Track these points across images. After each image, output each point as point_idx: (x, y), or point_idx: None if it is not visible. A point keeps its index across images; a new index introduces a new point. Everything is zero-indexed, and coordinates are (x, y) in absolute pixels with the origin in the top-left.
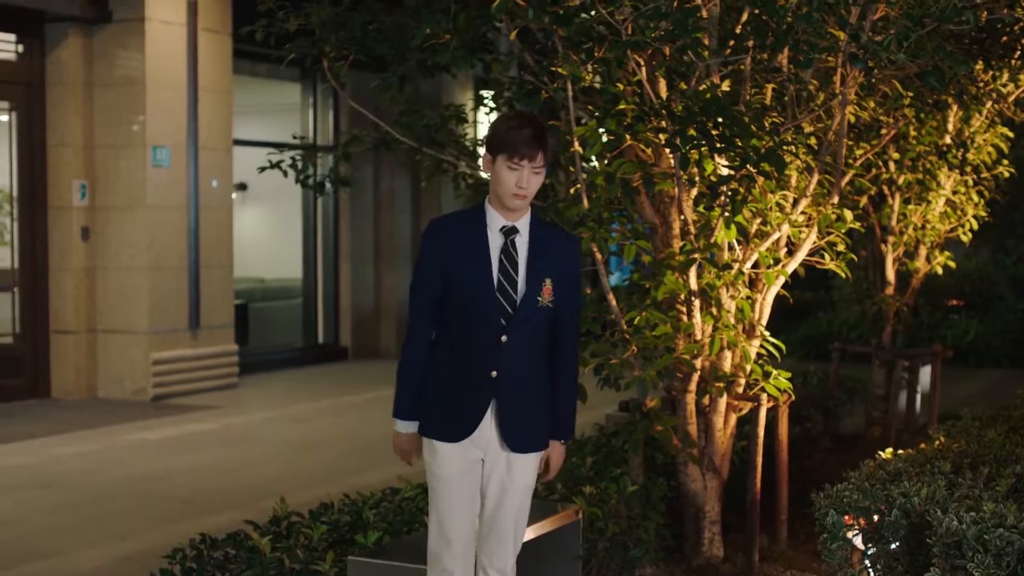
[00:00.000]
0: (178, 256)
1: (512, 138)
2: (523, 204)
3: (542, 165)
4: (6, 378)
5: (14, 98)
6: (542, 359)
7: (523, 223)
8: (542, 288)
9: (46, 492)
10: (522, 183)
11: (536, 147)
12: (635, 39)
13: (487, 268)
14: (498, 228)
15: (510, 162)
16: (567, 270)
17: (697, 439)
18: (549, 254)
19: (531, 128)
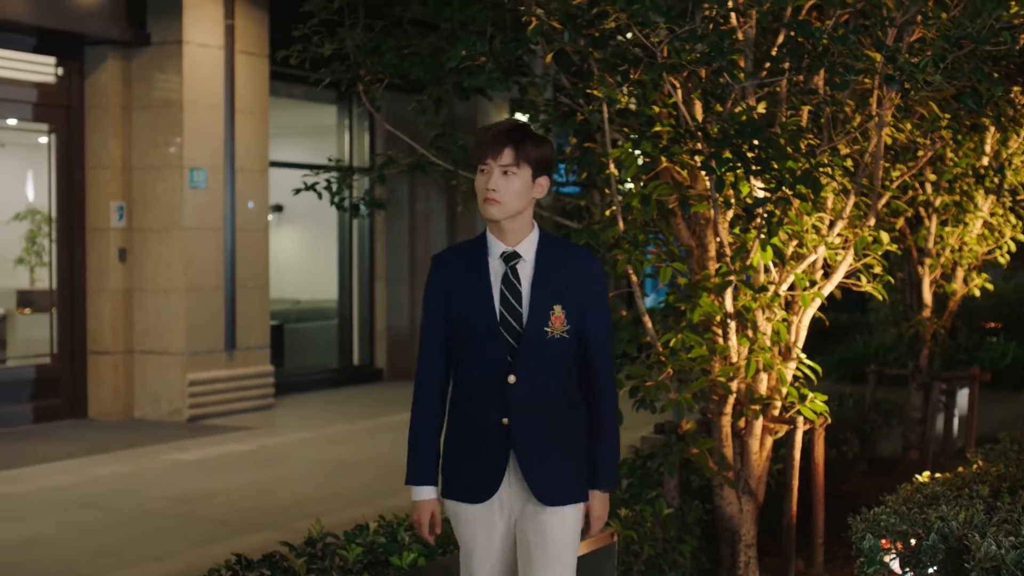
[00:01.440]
0: (214, 277)
1: (480, 138)
2: (499, 211)
3: (513, 163)
4: (44, 398)
5: (54, 121)
6: (568, 398)
7: (527, 246)
8: (550, 317)
9: (84, 512)
10: (490, 183)
11: (501, 143)
12: (671, 61)
13: (488, 300)
14: (498, 255)
15: (480, 165)
16: (588, 292)
17: (733, 462)
18: (560, 277)
19: (499, 127)
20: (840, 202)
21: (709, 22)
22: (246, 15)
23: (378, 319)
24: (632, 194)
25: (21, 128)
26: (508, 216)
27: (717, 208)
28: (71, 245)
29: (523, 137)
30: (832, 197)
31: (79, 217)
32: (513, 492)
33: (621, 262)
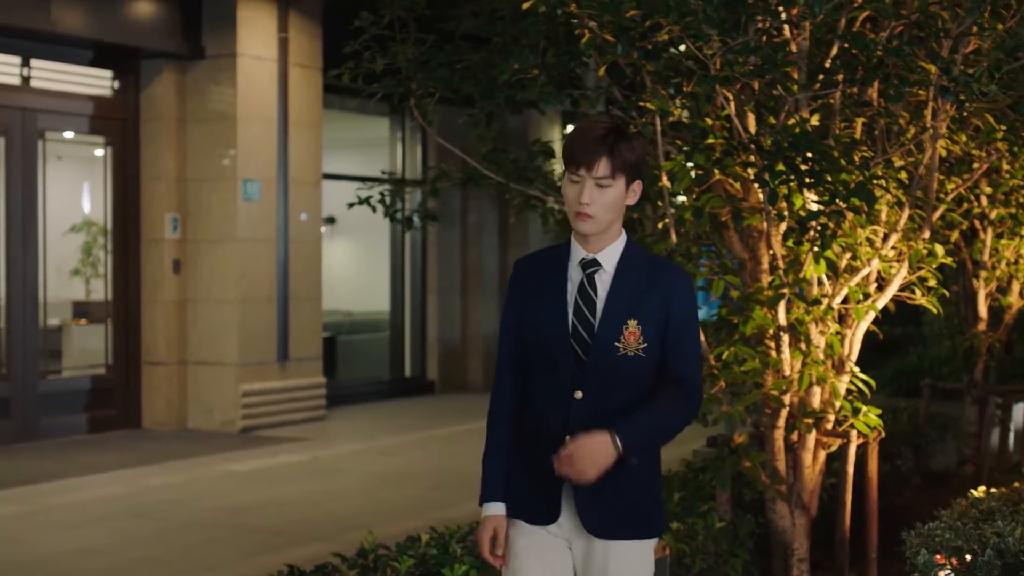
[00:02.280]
0: (267, 289)
1: (569, 144)
2: (591, 226)
3: (608, 175)
4: (99, 409)
5: (110, 134)
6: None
7: (609, 254)
8: (623, 332)
9: (137, 522)
10: (583, 197)
11: (596, 152)
12: (724, 74)
13: (561, 309)
14: (577, 262)
15: (570, 174)
16: (674, 310)
17: (785, 476)
18: (641, 291)
19: (592, 132)
20: (894, 215)
21: (762, 34)
22: (300, 28)
23: (430, 331)
24: (685, 207)
25: (78, 141)
26: (601, 230)
27: (770, 221)
28: (126, 256)
29: (619, 142)
30: (886, 210)
31: (134, 229)
32: (575, 521)
33: None
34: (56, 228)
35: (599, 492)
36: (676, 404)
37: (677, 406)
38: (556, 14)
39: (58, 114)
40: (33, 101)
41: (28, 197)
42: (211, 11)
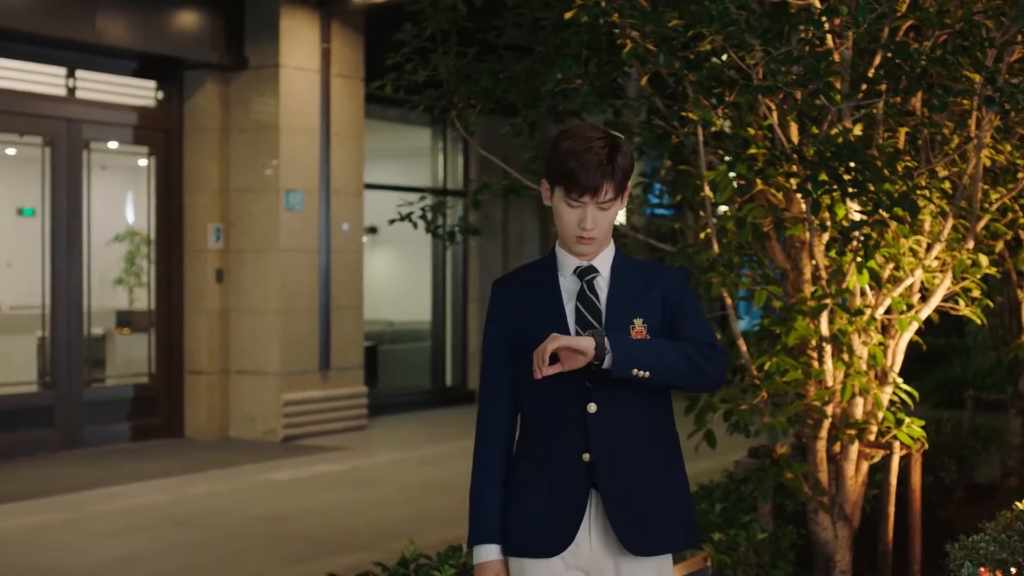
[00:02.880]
0: (309, 299)
1: (568, 166)
2: (592, 249)
3: (613, 198)
4: (142, 417)
5: (154, 144)
6: (658, 428)
7: (602, 260)
8: (630, 333)
9: (179, 530)
10: (586, 223)
11: (600, 178)
12: (766, 83)
13: (561, 320)
14: (571, 271)
15: (568, 199)
16: (676, 303)
17: (828, 487)
18: (640, 291)
19: (593, 153)
20: (938, 225)
21: (805, 44)
22: (342, 39)
23: (471, 340)
24: (727, 217)
25: (122, 151)
26: (601, 249)
27: (813, 231)
28: (169, 266)
29: (617, 158)
30: (930, 220)
31: (177, 238)
32: (596, 545)
33: (715, 285)
34: (100, 237)
35: (636, 508)
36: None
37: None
38: (598, 24)
39: (103, 124)
40: (78, 111)
41: (73, 206)
42: (254, 22)
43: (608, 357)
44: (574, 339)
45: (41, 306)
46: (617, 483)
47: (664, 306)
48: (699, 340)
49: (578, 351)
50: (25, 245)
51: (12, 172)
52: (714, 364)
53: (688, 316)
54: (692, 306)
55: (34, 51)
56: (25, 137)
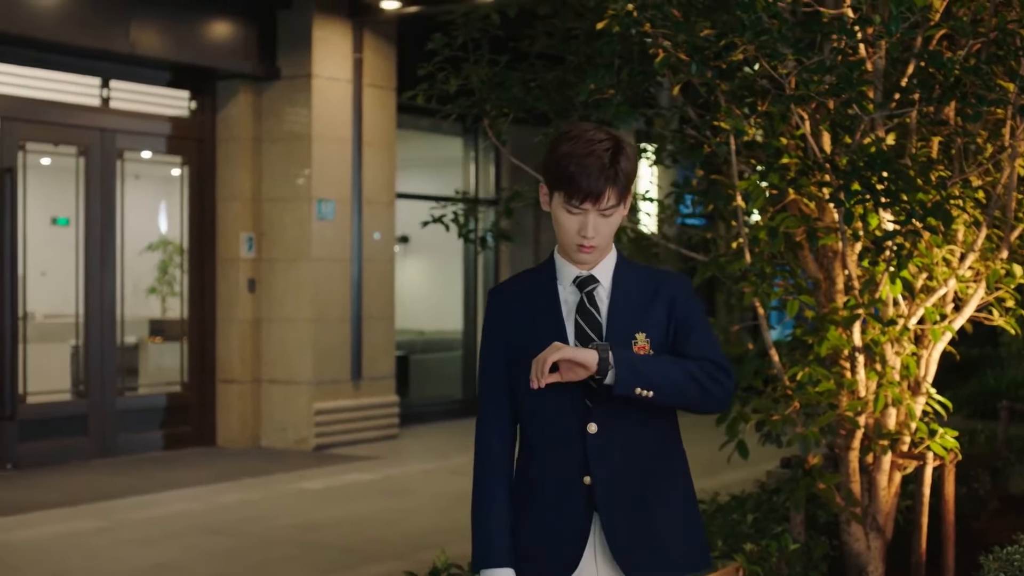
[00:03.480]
0: (341, 308)
1: (568, 170)
2: (593, 257)
3: (616, 204)
4: (174, 426)
5: (186, 153)
6: (664, 447)
7: (603, 269)
8: (632, 348)
9: (212, 539)
10: (587, 231)
11: (602, 184)
12: (799, 93)
13: (560, 334)
14: (570, 281)
15: (569, 205)
16: (682, 315)
17: (860, 498)
18: (644, 302)
19: (595, 157)
20: (972, 234)
21: (838, 53)
22: (374, 49)
23: None
24: (759, 226)
25: (155, 161)
26: (603, 257)
27: (845, 240)
28: (202, 275)
29: (620, 162)
30: (963, 229)
31: (210, 247)
32: (602, 570)
33: (748, 295)
34: (133, 247)
35: (639, 532)
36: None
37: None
38: (631, 34)
39: (136, 134)
40: (112, 121)
41: (106, 216)
42: (287, 32)
43: (611, 373)
44: (576, 351)
45: (75, 315)
46: (618, 507)
47: (669, 318)
48: (707, 359)
49: (580, 364)
50: (59, 254)
51: (47, 182)
52: (722, 387)
53: (695, 331)
54: (699, 319)
55: (69, 62)
56: (60, 147)
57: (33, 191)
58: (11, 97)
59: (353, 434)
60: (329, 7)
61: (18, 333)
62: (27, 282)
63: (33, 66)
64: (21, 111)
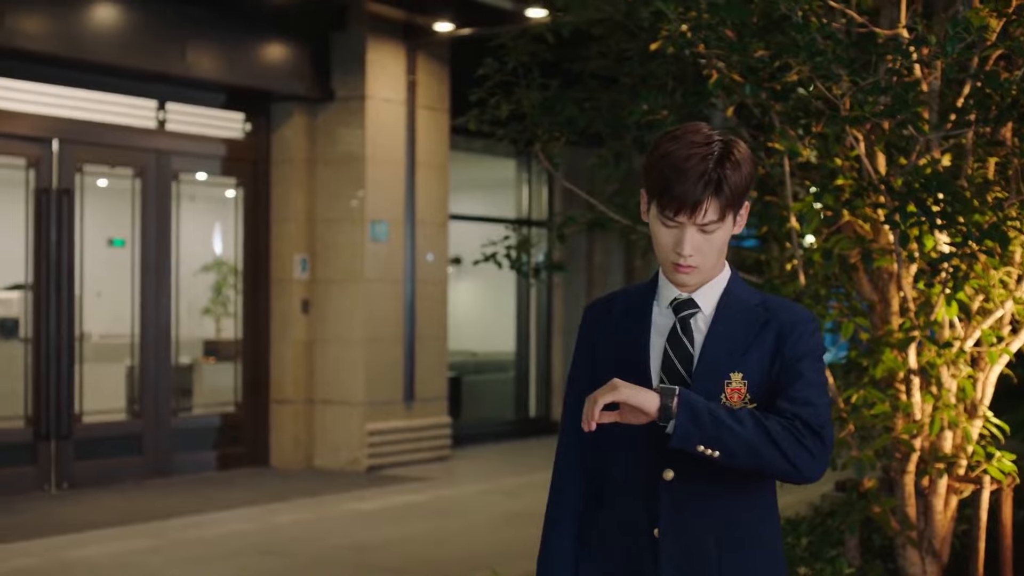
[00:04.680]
0: (394, 329)
1: (664, 174)
2: (696, 277)
3: (717, 219)
4: (228, 446)
5: (241, 175)
6: (752, 508)
7: (708, 293)
8: (724, 390)
9: (264, 559)
10: (683, 248)
11: (700, 192)
12: (854, 114)
13: (643, 362)
14: (667, 303)
15: (663, 216)
16: (791, 358)
17: (916, 521)
18: (749, 336)
19: (697, 160)
20: None
21: (893, 74)
22: (428, 71)
23: (555, 371)
24: (813, 248)
25: (210, 182)
26: (707, 279)
27: (901, 262)
28: (256, 296)
29: (727, 169)
30: (1020, 251)
31: (264, 269)
32: None
33: None
34: (188, 268)
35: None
36: (787, 435)
37: (786, 436)
38: (684, 54)
39: (191, 156)
40: (168, 143)
41: (162, 237)
42: (341, 54)
43: (672, 423)
44: (635, 392)
45: (130, 335)
46: (688, 565)
47: (774, 359)
48: (800, 417)
49: (639, 409)
50: (115, 275)
51: (103, 203)
52: (808, 454)
53: (799, 379)
54: (809, 365)
55: (126, 84)
56: (116, 169)
57: (90, 212)
58: (69, 120)
59: (405, 455)
60: (383, 29)
61: (74, 353)
62: (83, 302)
63: (91, 89)
64: (79, 133)
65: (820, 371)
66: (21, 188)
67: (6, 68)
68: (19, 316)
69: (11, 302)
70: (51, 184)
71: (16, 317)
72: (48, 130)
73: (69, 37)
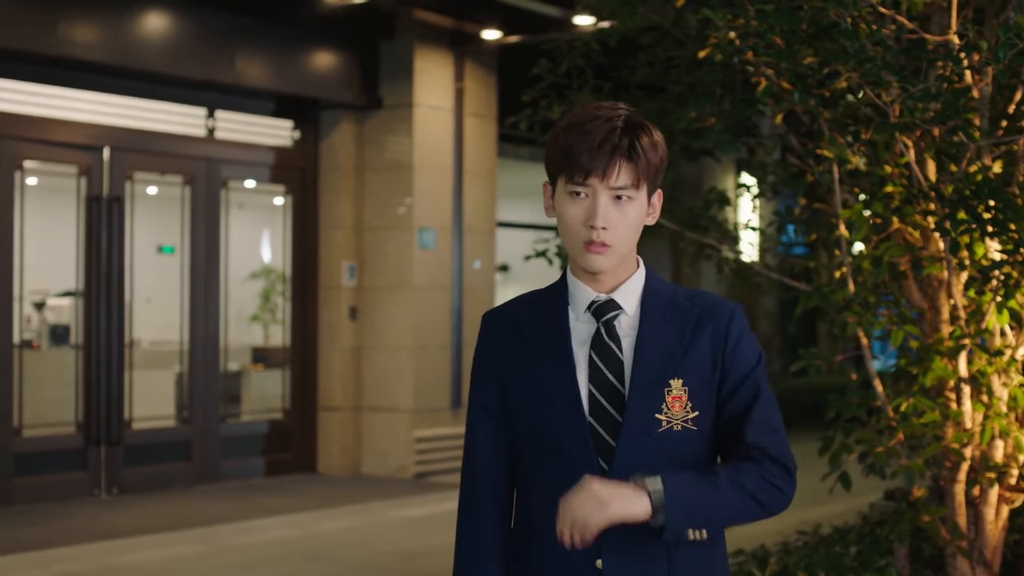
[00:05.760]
0: (441, 336)
1: (571, 142)
2: (608, 260)
3: (631, 184)
4: (276, 453)
5: (290, 182)
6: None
7: (628, 292)
8: (664, 399)
9: (311, 565)
10: (596, 218)
11: (610, 153)
12: (903, 121)
13: (568, 376)
14: (584, 307)
15: (571, 186)
16: (735, 363)
17: (967, 531)
18: (682, 338)
19: (601, 122)
20: None
21: (943, 80)
22: (475, 78)
23: None
24: (863, 255)
25: (259, 190)
26: (618, 263)
27: (951, 270)
28: (304, 303)
29: (640, 135)
30: None
31: (312, 276)
32: None
33: (851, 325)
34: (237, 275)
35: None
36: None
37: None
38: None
39: (240, 164)
40: (217, 151)
41: (211, 244)
42: (389, 63)
43: (660, 516)
44: (626, 506)
45: (179, 342)
46: None
47: (715, 362)
48: (769, 457)
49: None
50: (164, 282)
51: (153, 210)
52: (782, 495)
53: (756, 401)
54: (758, 375)
55: (176, 93)
56: (166, 176)
57: (140, 220)
58: (120, 128)
59: (453, 462)
60: (431, 37)
61: (124, 359)
62: (133, 309)
63: (141, 97)
64: (130, 142)
65: (766, 377)
66: (73, 196)
67: (59, 77)
68: (70, 323)
69: (62, 309)
70: (102, 192)
71: (67, 324)
72: (99, 138)
73: (120, 46)
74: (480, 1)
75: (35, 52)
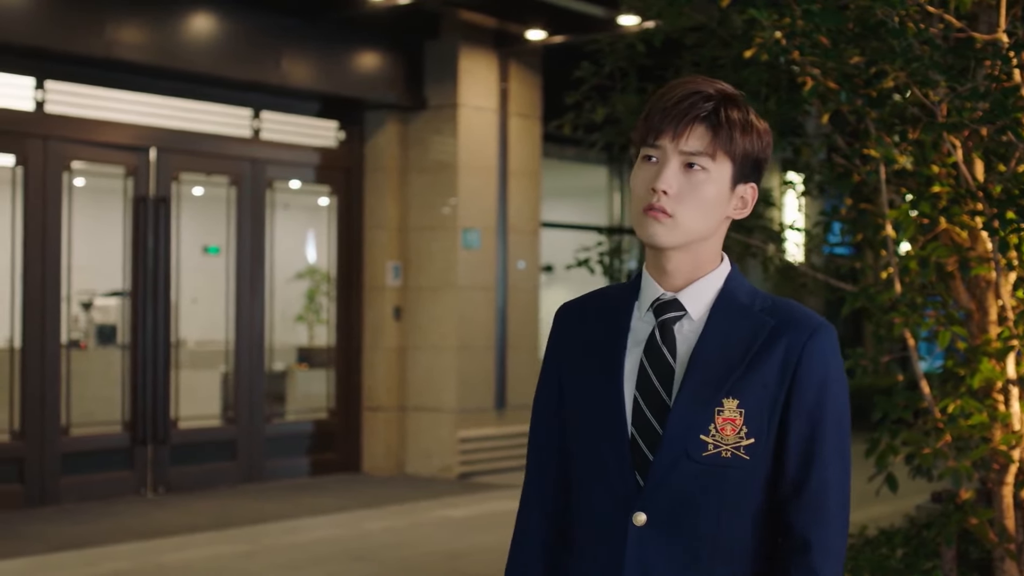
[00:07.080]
0: (485, 336)
1: (654, 109)
2: (668, 233)
3: (706, 151)
4: (320, 452)
5: (335, 183)
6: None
7: (698, 292)
8: (714, 419)
9: (355, 565)
10: (659, 181)
11: (687, 114)
12: (951, 120)
13: (616, 380)
14: (648, 304)
15: (645, 147)
16: (810, 393)
17: (1015, 534)
18: (749, 352)
19: (689, 85)
20: None
21: (992, 79)
22: (520, 79)
23: None
24: (910, 256)
25: (304, 190)
26: (682, 244)
27: (999, 270)
28: (349, 303)
29: (729, 108)
30: None
31: (357, 276)
32: None
33: (898, 325)
34: (282, 275)
35: None
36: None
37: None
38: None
39: (286, 164)
40: (262, 152)
41: (256, 245)
42: (433, 63)
43: None
44: None
45: (225, 342)
46: None
47: (781, 382)
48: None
49: None
50: (210, 282)
51: (198, 211)
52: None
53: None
54: (827, 418)
55: (221, 94)
56: (212, 177)
57: (186, 220)
58: (166, 129)
59: (497, 462)
60: (476, 38)
61: (170, 359)
62: (179, 309)
63: (187, 98)
64: (175, 142)
65: (845, 435)
66: (119, 196)
67: (105, 78)
68: (117, 323)
69: (109, 309)
70: (148, 192)
71: (114, 323)
72: (146, 139)
73: (166, 48)
74: (524, 1)
75: (83, 54)
